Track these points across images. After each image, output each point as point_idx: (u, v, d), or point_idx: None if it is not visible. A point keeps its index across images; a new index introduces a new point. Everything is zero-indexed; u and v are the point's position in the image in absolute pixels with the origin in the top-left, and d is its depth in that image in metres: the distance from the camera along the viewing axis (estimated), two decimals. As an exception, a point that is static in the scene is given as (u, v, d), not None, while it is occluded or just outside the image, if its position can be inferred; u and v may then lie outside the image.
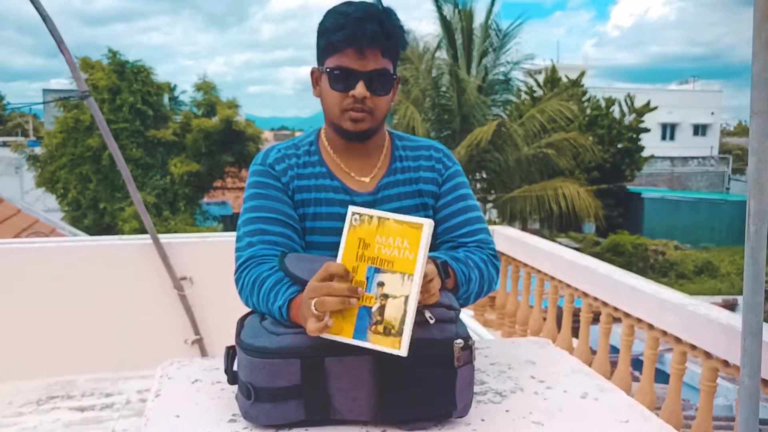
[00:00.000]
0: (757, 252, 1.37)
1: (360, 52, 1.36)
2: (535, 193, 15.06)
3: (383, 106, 1.45)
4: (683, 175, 31.13)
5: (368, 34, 1.35)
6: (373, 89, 1.40)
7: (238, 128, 17.72)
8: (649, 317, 2.64)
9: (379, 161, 1.54)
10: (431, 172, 1.56)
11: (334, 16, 1.39)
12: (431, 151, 1.59)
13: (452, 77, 15.09)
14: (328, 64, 1.41)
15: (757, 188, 1.36)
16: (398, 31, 1.41)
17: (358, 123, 1.43)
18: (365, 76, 1.38)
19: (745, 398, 1.44)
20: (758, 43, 1.35)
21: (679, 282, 18.92)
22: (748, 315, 1.41)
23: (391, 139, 1.59)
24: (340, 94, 1.41)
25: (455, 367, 1.20)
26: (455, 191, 1.57)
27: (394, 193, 1.52)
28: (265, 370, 1.19)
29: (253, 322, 1.30)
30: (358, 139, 1.48)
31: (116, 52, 17.49)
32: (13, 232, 6.57)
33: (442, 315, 1.23)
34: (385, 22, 1.37)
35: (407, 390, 1.20)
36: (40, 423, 2.56)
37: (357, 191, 1.49)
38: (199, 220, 19.06)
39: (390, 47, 1.40)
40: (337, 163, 1.52)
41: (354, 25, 1.35)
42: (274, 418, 1.21)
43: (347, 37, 1.35)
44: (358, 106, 1.40)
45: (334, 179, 1.50)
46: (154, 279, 3.49)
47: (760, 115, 1.34)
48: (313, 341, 1.16)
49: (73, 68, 3.24)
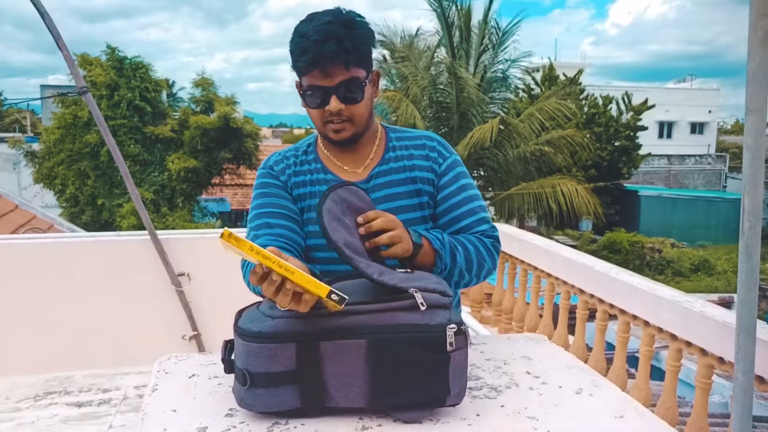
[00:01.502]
0: (751, 249, 1.38)
1: (324, 71, 1.45)
2: (532, 191, 15.08)
3: (361, 111, 1.53)
4: (680, 173, 31.17)
5: (328, 55, 1.42)
6: (345, 99, 1.48)
7: (236, 125, 17.70)
8: (645, 314, 2.65)
9: (372, 153, 1.62)
10: (425, 161, 1.61)
11: (297, 40, 1.47)
12: (424, 140, 1.65)
13: (451, 75, 15.09)
14: (303, 84, 1.51)
15: (752, 185, 1.37)
16: (359, 41, 1.46)
17: (340, 133, 1.53)
18: (334, 90, 1.47)
19: (739, 394, 1.45)
20: (753, 41, 1.35)
21: (676, 280, 18.97)
22: (742, 311, 1.42)
23: (385, 132, 1.66)
24: (317, 110, 1.51)
25: (448, 351, 1.21)
26: (456, 182, 1.61)
27: (385, 181, 1.58)
28: (261, 354, 1.19)
29: (251, 309, 1.31)
30: (346, 145, 1.58)
31: (114, 48, 17.47)
32: (11, 228, 6.57)
33: (436, 301, 1.24)
34: (344, 38, 1.43)
35: (400, 374, 1.21)
36: (38, 418, 2.57)
37: (349, 181, 1.54)
38: (197, 217, 19.04)
39: (354, 59, 1.46)
40: (332, 159, 1.61)
41: (314, 48, 1.42)
42: (269, 405, 1.22)
43: (309, 61, 1.44)
44: (336, 119, 1.50)
45: (328, 173, 1.60)
46: (152, 275, 3.49)
47: (755, 113, 1.35)
48: (308, 325, 1.19)
49: (71, 64, 3.24)
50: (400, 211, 1.54)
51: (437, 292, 1.26)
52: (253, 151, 18.61)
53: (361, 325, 1.19)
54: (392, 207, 1.55)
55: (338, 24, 1.45)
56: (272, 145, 27.97)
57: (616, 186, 23.71)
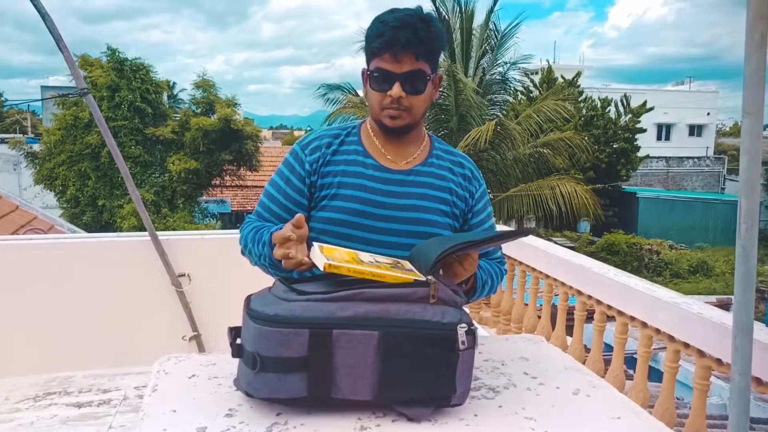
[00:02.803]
0: (748, 250, 1.38)
1: (395, 56, 1.51)
2: (531, 192, 15.07)
3: (420, 104, 1.58)
4: (678, 175, 31.20)
5: (402, 41, 1.49)
6: (408, 89, 1.54)
7: (237, 126, 17.71)
8: (643, 315, 2.66)
9: (417, 152, 1.66)
10: (463, 180, 1.69)
11: (376, 24, 1.54)
12: (462, 160, 1.73)
13: (450, 77, 15.10)
14: (371, 66, 1.57)
15: (749, 187, 1.38)
16: (434, 36, 1.54)
17: (395, 120, 1.57)
18: (401, 78, 1.52)
19: (735, 396, 1.45)
20: (751, 43, 1.36)
21: (674, 281, 18.98)
22: (738, 313, 1.43)
23: (430, 139, 1.72)
24: (379, 93, 1.56)
25: (457, 350, 1.24)
26: (486, 209, 1.73)
27: (425, 181, 1.63)
28: (273, 339, 1.20)
29: (262, 293, 1.33)
30: (397, 134, 1.62)
31: (115, 49, 17.47)
32: (12, 229, 6.57)
33: (449, 297, 1.27)
34: (420, 30, 1.50)
35: (409, 369, 1.22)
36: (37, 419, 2.57)
37: (390, 168, 1.62)
38: (197, 218, 19.05)
39: (424, 51, 1.53)
40: (376, 145, 1.65)
41: (390, 32, 1.50)
42: (277, 391, 1.22)
43: (384, 43, 1.51)
44: (395, 105, 1.55)
45: (368, 157, 1.63)
46: (152, 276, 3.50)
47: (752, 115, 1.35)
48: (324, 311, 1.21)
49: (71, 65, 3.25)
50: (430, 212, 1.61)
51: (452, 290, 1.29)
52: (254, 152, 18.62)
53: (375, 316, 1.21)
54: (425, 205, 1.61)
55: (417, 17, 1.52)
56: (272, 147, 27.92)
57: (614, 188, 23.73)
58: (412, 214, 1.59)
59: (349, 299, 1.22)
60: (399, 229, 1.57)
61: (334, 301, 1.22)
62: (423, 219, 1.59)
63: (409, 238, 1.55)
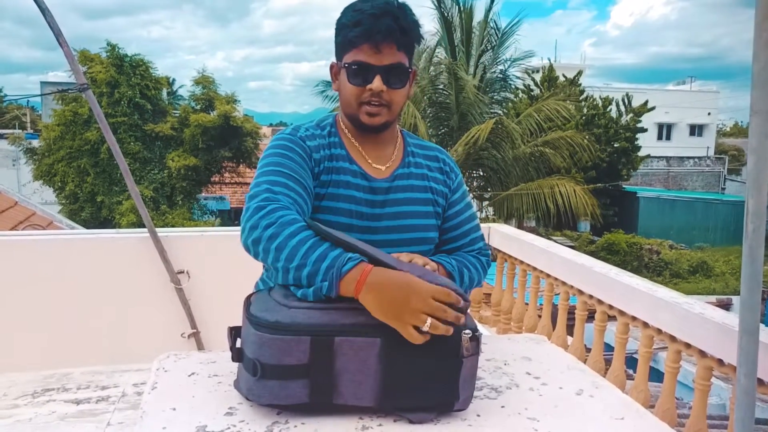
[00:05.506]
0: (755, 251, 1.37)
1: (376, 47, 1.42)
2: (531, 191, 15.08)
3: (399, 99, 1.51)
4: (679, 174, 31.21)
5: (383, 30, 1.41)
6: (389, 83, 1.46)
7: (236, 123, 17.70)
8: (644, 315, 2.64)
9: (394, 153, 1.61)
10: (440, 174, 1.66)
11: (351, 13, 1.45)
12: (436, 152, 1.69)
13: (450, 75, 15.08)
14: (346, 59, 1.47)
15: (756, 187, 1.36)
16: (413, 26, 1.47)
17: (374, 117, 1.49)
18: (381, 70, 1.44)
19: (741, 397, 1.44)
20: (759, 42, 1.35)
21: (674, 281, 18.98)
22: (744, 313, 1.42)
23: (402, 136, 1.66)
24: (358, 88, 1.47)
25: (461, 356, 1.21)
26: (464, 199, 1.69)
27: (407, 184, 1.59)
28: (274, 346, 1.17)
29: (262, 296, 1.30)
30: (373, 132, 1.55)
31: (115, 45, 17.44)
32: (10, 224, 6.56)
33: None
34: (400, 18, 1.43)
35: (412, 376, 1.20)
36: (36, 415, 2.55)
37: (374, 177, 1.55)
38: (196, 215, 19.03)
39: (405, 42, 1.46)
40: (357, 148, 1.57)
41: (369, 21, 1.41)
42: (278, 397, 1.20)
43: (363, 33, 1.42)
44: (375, 100, 1.47)
45: (353, 163, 1.55)
46: (151, 272, 3.48)
47: (760, 114, 1.34)
48: (325, 318, 1.19)
49: (71, 61, 3.23)
50: (417, 216, 1.57)
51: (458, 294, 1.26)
52: (253, 149, 18.61)
53: (377, 323, 1.18)
54: (411, 210, 1.57)
55: (395, 6, 1.46)
56: (272, 144, 27.85)
57: (615, 187, 23.73)
58: (398, 222, 1.56)
59: (351, 306, 1.20)
60: (386, 239, 1.53)
61: (336, 308, 1.20)
62: (409, 225, 1.57)
63: (397, 246, 1.51)
